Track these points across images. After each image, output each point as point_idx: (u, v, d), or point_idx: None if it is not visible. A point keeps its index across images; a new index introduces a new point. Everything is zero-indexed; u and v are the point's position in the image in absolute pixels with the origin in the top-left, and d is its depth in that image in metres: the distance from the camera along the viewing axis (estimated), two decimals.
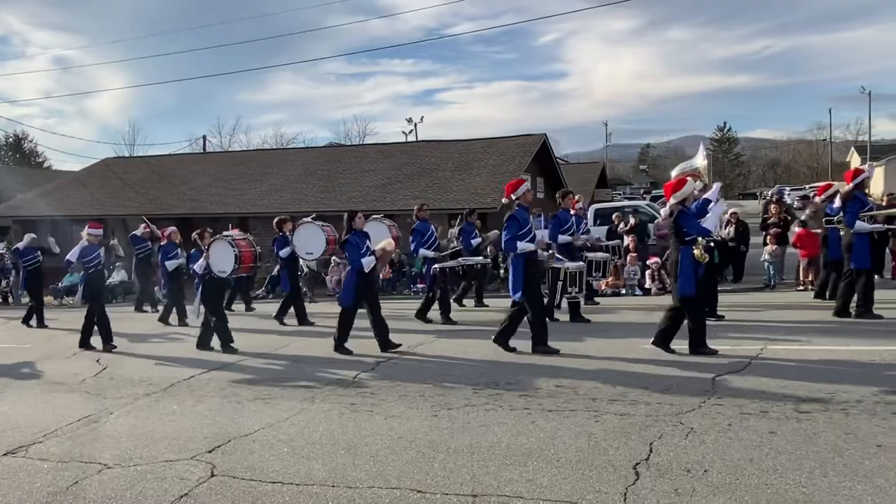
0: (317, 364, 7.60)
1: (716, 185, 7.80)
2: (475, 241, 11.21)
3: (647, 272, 13.33)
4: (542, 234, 9.77)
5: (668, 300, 11.92)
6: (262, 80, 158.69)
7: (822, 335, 7.61)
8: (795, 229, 12.87)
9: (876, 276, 12.47)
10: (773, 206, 14.06)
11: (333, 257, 18.17)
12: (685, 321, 6.94)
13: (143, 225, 13.83)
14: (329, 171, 23.44)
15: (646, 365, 6.59)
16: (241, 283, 13.05)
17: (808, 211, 12.40)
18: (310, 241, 10.36)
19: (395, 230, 10.26)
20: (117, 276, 18.99)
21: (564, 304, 9.74)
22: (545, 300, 8.87)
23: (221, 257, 9.05)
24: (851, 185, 8.89)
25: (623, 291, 13.55)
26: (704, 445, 4.30)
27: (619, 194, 55.56)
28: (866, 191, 9.35)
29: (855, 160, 60.20)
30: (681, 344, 6.97)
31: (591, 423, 4.87)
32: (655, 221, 15.98)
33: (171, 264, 11.69)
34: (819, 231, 11.16)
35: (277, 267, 12.59)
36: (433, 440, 4.73)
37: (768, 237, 13.28)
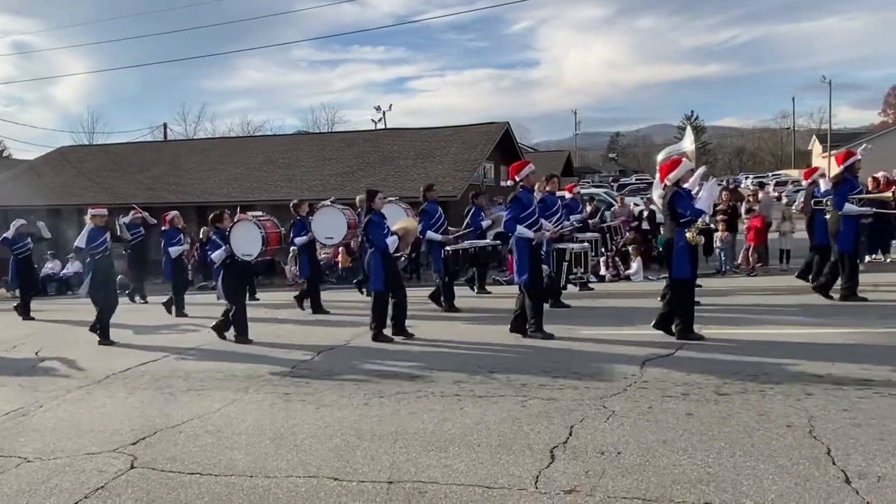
0: (262, 354, 7.54)
1: (699, 170, 7.72)
2: (485, 223, 10.94)
3: (602, 259, 13.46)
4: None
5: (620, 286, 12.16)
6: (230, 67, 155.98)
7: (761, 320, 7.78)
8: (745, 217, 13.13)
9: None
10: (724, 193, 14.31)
11: (292, 247, 18.05)
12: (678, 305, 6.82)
13: (133, 211, 13.40)
14: (290, 159, 23.19)
15: (581, 350, 6.68)
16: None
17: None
18: (330, 225, 9.98)
19: (411, 212, 9.93)
20: (71, 268, 18.57)
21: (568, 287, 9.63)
22: (553, 282, 8.77)
23: (246, 240, 8.58)
24: (842, 167, 8.86)
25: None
26: (623, 428, 4.37)
27: (588, 182, 56.06)
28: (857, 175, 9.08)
29: (817, 148, 61.47)
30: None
31: (518, 409, 4.91)
32: (612, 209, 16.15)
33: (174, 250, 11.29)
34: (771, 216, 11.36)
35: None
36: (360, 428, 4.73)
37: (719, 224, 13.51)
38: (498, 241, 11.47)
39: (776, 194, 28.81)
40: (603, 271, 13.52)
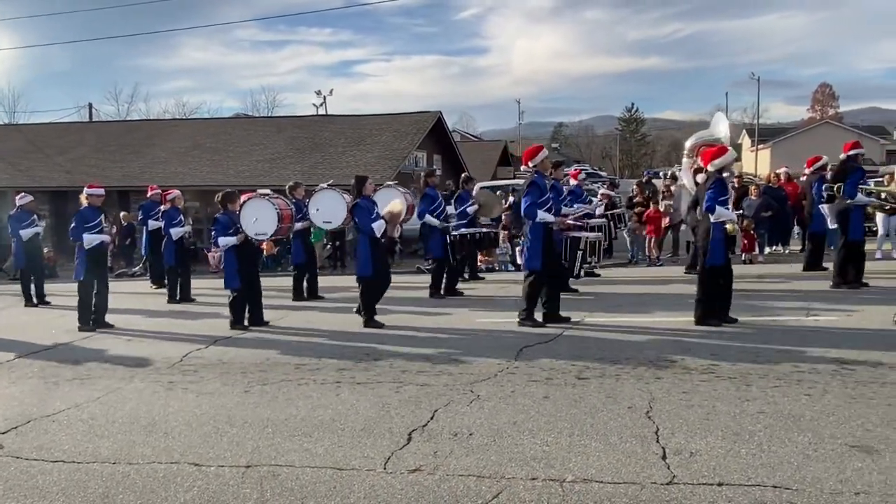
0: (156, 343, 7.54)
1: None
2: (471, 209, 10.75)
3: (518, 249, 13.82)
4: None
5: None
6: (170, 45, 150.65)
7: (643, 308, 8.22)
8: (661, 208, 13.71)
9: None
10: (638, 186, 14.90)
11: (213, 233, 17.80)
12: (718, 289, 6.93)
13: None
14: (219, 143, 22.76)
15: (465, 337, 6.97)
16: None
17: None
18: (328, 210, 9.61)
19: (409, 197, 9.75)
20: None
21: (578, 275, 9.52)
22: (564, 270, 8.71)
23: (258, 219, 8.28)
24: (846, 155, 8.95)
25: (496, 267, 14.02)
26: (482, 411, 4.64)
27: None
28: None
29: (746, 142, 64.08)
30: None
31: (392, 394, 5.13)
32: None
33: (176, 232, 10.83)
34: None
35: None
36: (233, 415, 4.85)
37: (633, 216, 14.06)
38: (496, 226, 11.47)
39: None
40: (519, 260, 13.89)
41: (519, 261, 13.81)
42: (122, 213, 17.26)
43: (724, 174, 6.98)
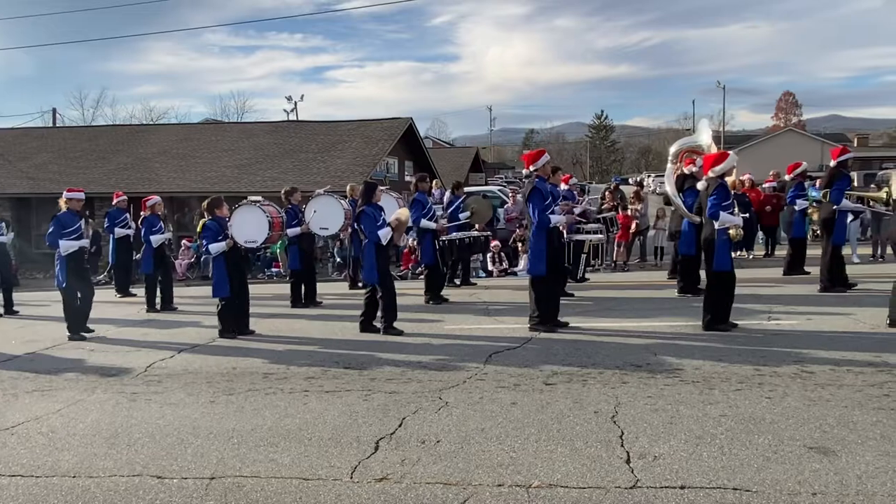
0: (120, 353, 7.38)
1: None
2: (463, 216, 10.72)
3: (489, 255, 13.89)
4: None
5: (511, 281, 12.58)
6: (138, 50, 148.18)
7: (612, 313, 8.32)
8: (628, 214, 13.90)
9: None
10: (608, 193, 15.08)
11: (183, 240, 17.57)
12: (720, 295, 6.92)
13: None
14: (186, 149, 22.46)
15: (435, 344, 6.97)
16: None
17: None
18: (326, 216, 9.65)
19: (402, 202, 9.73)
20: None
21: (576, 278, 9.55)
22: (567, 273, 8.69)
23: (250, 226, 8.18)
24: (836, 161, 9.13)
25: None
26: (450, 418, 4.64)
27: (502, 178, 57.14)
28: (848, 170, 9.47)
29: (712, 149, 65.29)
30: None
31: (360, 402, 5.11)
32: (504, 206, 16.66)
33: (156, 239, 10.55)
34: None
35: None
36: (198, 426, 4.78)
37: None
38: (488, 232, 11.42)
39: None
40: (490, 266, 13.96)
41: (490, 267, 13.90)
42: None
43: (727, 179, 7.01)
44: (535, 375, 5.54)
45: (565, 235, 8.85)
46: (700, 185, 7.45)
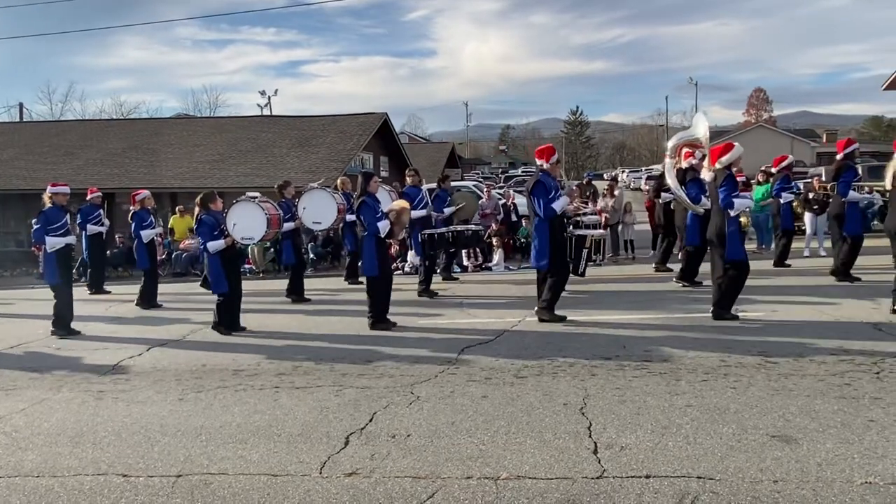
0: (87, 351, 7.27)
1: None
2: (448, 210, 10.67)
3: (464, 250, 13.89)
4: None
5: (485, 276, 12.59)
6: (108, 44, 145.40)
7: (587, 305, 8.39)
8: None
9: None
10: (579, 187, 15.20)
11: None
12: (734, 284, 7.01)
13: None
14: (156, 144, 22.13)
15: (407, 337, 6.97)
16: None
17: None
18: (318, 210, 9.53)
19: (394, 195, 9.70)
20: None
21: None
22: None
23: (246, 222, 8.04)
24: (842, 154, 9.12)
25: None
26: (421, 412, 4.65)
27: (479, 174, 57.26)
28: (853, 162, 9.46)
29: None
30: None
31: (331, 398, 5.09)
32: (480, 201, 16.68)
33: (146, 234, 10.31)
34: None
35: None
36: (166, 424, 4.72)
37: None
38: (480, 226, 11.35)
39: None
40: (465, 261, 13.98)
41: (465, 262, 13.91)
42: None
43: (733, 169, 7.07)
44: (506, 369, 5.57)
45: (568, 230, 8.87)
46: (707, 177, 7.50)
